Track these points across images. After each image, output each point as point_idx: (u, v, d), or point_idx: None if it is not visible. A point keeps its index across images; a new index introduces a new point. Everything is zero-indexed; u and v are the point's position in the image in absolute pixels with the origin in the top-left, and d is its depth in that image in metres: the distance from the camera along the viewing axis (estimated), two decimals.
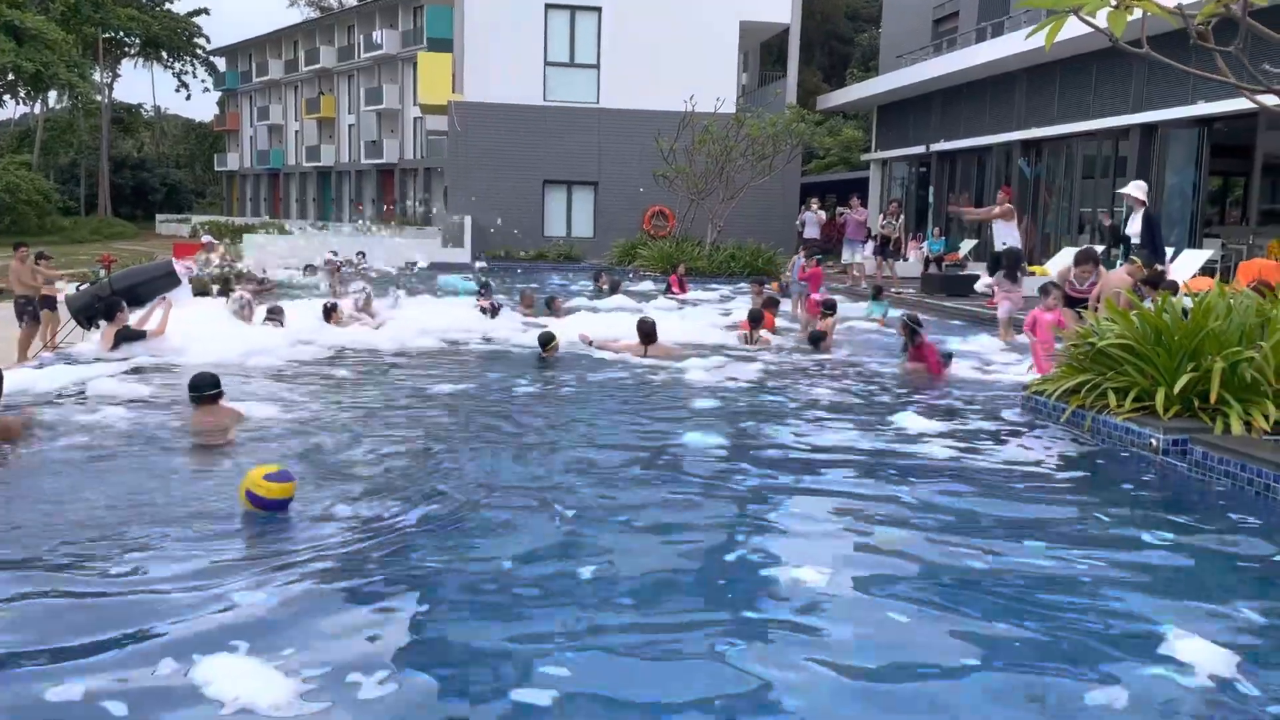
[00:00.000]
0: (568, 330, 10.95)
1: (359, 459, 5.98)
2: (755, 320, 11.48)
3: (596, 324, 11.73)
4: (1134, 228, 11.96)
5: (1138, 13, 5.43)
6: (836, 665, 3.36)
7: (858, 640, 3.57)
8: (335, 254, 20.93)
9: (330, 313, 11.33)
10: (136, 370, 8.58)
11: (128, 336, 9.37)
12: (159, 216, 62.14)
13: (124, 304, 9.68)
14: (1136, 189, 12.07)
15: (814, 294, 13.27)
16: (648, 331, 10.14)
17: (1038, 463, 6.25)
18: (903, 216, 20.68)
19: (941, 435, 6.88)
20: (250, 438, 6.37)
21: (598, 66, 27.33)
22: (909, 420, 7.26)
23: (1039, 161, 22.68)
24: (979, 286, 15.83)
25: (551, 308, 12.36)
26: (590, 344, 10.49)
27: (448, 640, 3.55)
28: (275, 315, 10.93)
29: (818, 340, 11.00)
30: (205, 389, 6.47)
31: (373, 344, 10.64)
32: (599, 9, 27.05)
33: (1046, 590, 4.09)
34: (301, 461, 5.77)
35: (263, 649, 3.31)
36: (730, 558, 4.38)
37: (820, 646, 3.49)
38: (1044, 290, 9.10)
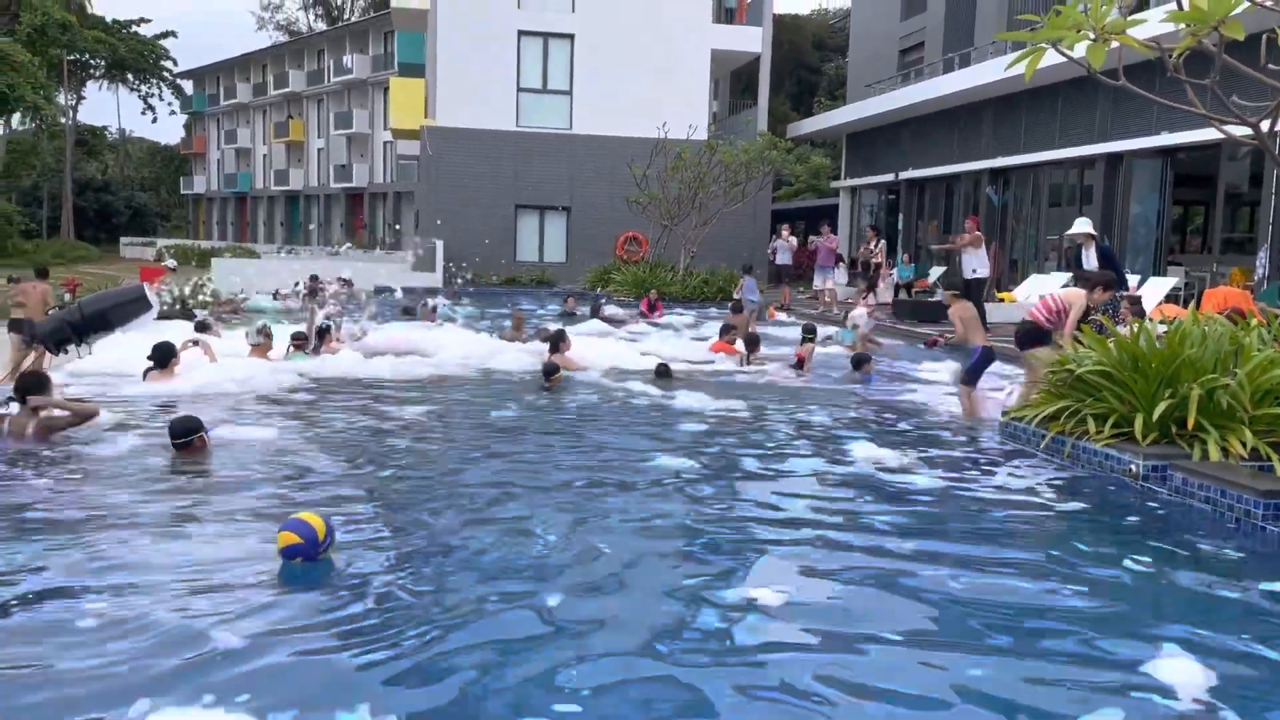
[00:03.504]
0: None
1: (346, 491, 5.91)
2: (752, 343, 11.80)
3: (587, 348, 11.90)
4: (1090, 263, 12.09)
5: (1114, 44, 5.54)
6: (814, 693, 3.34)
7: (839, 667, 3.54)
8: (315, 278, 20.80)
9: (323, 337, 11.24)
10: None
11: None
12: (123, 240, 61.36)
13: (178, 351, 9.38)
14: (1082, 226, 12.20)
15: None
16: (554, 339, 11.24)
17: (1018, 489, 6.28)
18: (883, 242, 20.87)
19: (921, 461, 6.91)
20: (241, 476, 6.28)
21: (570, 93, 27.45)
22: (889, 446, 7.29)
23: (1006, 190, 23.01)
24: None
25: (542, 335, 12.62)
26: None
27: (425, 673, 3.47)
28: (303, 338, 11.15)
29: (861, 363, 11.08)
30: (180, 436, 6.45)
31: (367, 370, 10.56)
32: (572, 36, 27.21)
33: (1028, 615, 4.10)
34: (294, 493, 5.70)
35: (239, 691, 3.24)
36: (706, 585, 4.34)
37: (798, 677, 3.46)
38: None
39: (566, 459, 6.90)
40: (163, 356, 9.14)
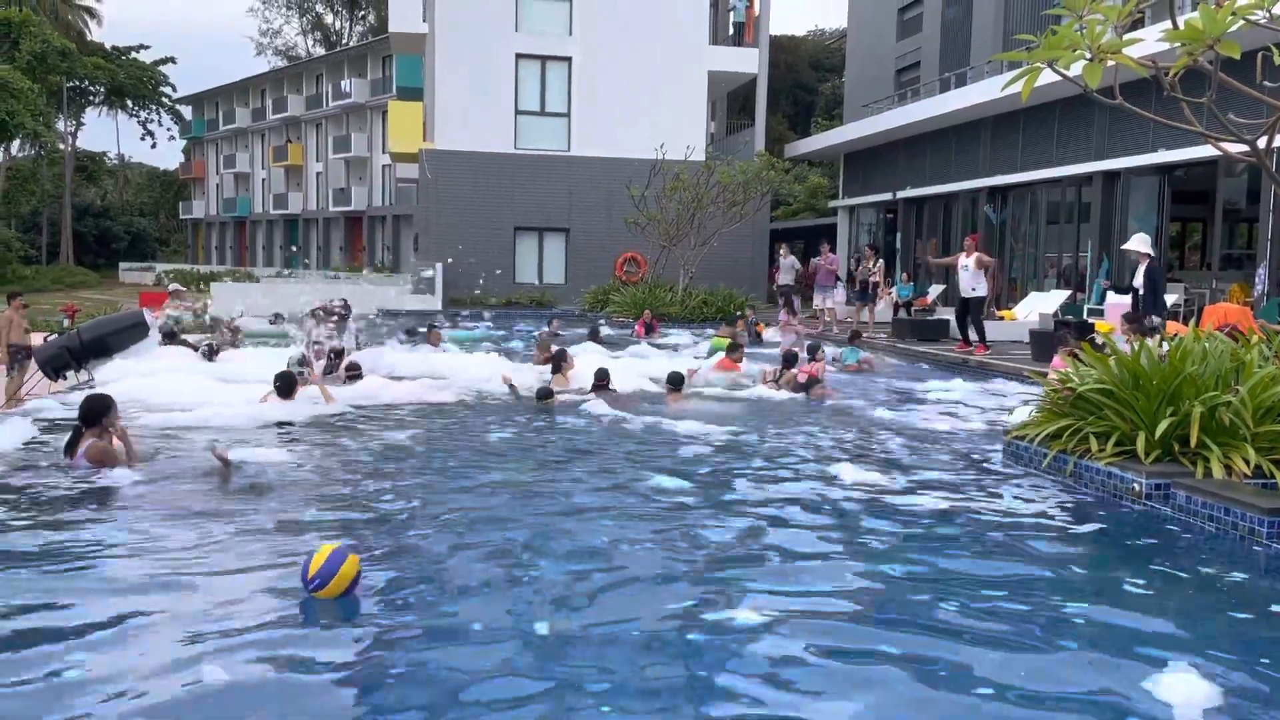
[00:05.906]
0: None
1: (346, 517, 5.88)
2: (789, 361, 11.64)
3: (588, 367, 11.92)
4: (1139, 280, 11.96)
5: (1110, 63, 5.55)
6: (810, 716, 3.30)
7: (838, 690, 3.50)
8: (344, 301, 20.43)
9: (339, 359, 11.38)
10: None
11: None
12: (123, 265, 61.47)
13: (297, 382, 9.37)
14: (1141, 243, 12.00)
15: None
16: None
17: (1020, 508, 6.24)
18: (880, 261, 20.91)
19: (923, 481, 6.87)
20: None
21: (568, 115, 27.58)
22: (888, 465, 7.25)
23: (1004, 208, 23.07)
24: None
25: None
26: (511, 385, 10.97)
27: (420, 701, 3.43)
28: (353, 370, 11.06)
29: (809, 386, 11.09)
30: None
31: (390, 395, 10.55)
32: (569, 59, 27.35)
33: (1031, 636, 4.06)
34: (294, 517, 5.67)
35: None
36: (703, 610, 4.30)
37: (796, 701, 3.42)
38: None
39: (561, 481, 6.87)
40: (288, 386, 9.21)
